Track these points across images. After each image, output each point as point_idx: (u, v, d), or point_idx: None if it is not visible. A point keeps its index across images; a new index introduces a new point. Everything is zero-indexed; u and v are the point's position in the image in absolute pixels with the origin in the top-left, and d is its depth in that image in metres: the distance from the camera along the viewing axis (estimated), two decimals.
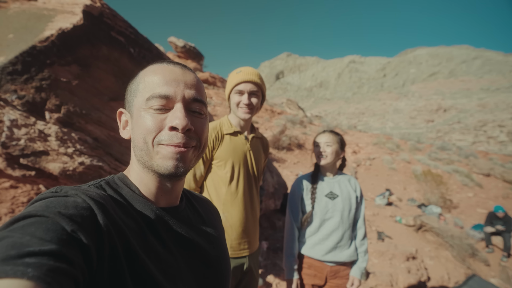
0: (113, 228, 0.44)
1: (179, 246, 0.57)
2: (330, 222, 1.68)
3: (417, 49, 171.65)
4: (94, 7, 2.09)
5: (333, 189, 1.73)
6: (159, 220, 0.55)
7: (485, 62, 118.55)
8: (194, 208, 0.70)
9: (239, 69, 1.41)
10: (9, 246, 0.31)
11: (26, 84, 1.74)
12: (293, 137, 11.55)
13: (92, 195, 0.45)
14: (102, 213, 0.43)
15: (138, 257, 0.46)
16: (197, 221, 0.66)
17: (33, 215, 0.36)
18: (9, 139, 1.76)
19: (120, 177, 0.58)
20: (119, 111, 0.63)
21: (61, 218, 0.37)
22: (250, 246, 1.40)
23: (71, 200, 0.41)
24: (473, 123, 52.73)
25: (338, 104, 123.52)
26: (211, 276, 0.61)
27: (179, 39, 19.14)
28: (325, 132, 1.78)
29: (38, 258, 0.31)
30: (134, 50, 2.25)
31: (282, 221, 4.78)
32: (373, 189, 8.33)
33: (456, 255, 4.48)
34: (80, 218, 0.39)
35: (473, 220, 6.81)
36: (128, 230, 0.47)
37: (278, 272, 3.27)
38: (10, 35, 1.95)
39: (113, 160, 2.12)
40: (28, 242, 0.32)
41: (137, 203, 0.54)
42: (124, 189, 0.55)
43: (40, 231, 0.34)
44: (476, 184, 9.82)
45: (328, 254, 1.66)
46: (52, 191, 0.44)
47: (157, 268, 0.49)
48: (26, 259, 0.30)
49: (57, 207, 0.39)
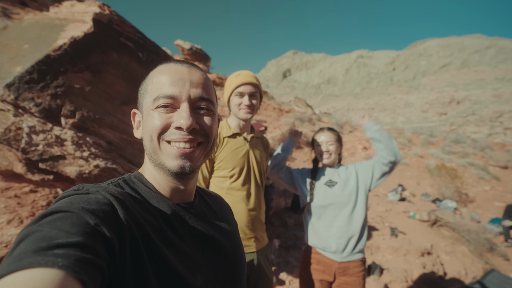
0: (133, 222, 0.46)
1: (195, 240, 0.59)
2: (330, 208, 1.71)
3: (427, 41, 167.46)
4: (103, 14, 2.15)
5: (332, 177, 1.77)
6: (175, 215, 0.57)
7: (499, 51, 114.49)
8: (208, 204, 0.72)
9: (237, 72, 1.48)
10: (40, 239, 0.34)
11: (42, 91, 1.81)
12: (302, 135, 11.49)
13: (112, 192, 0.48)
14: (122, 208, 0.46)
15: (158, 249, 0.48)
16: (211, 216, 0.68)
17: (59, 211, 0.39)
18: (28, 145, 1.84)
19: (136, 176, 0.61)
20: (132, 112, 0.65)
21: (85, 213, 0.40)
22: (258, 242, 1.44)
23: (93, 197, 0.44)
24: (489, 114, 51.04)
25: (347, 100, 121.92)
26: (227, 268, 0.63)
27: (185, 41, 19.32)
28: (324, 130, 1.81)
29: (66, 250, 0.33)
30: (143, 54, 2.31)
31: (293, 219, 4.78)
32: (385, 184, 8.20)
33: (473, 250, 4.37)
34: (102, 213, 0.42)
35: (491, 214, 6.62)
36: (147, 224, 0.50)
37: (291, 270, 3.28)
38: (25, 46, 2.04)
39: (126, 162, 2.19)
40: (56, 235, 0.34)
41: (153, 200, 0.56)
42: (140, 186, 0.58)
43: (67, 225, 0.37)
44: (493, 177, 9.53)
45: (336, 240, 1.65)
46: (75, 189, 0.47)
47: (177, 259, 0.51)
48: (55, 250, 0.32)
49: (81, 203, 0.41)
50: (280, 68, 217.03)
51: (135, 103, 2.18)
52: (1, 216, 2.23)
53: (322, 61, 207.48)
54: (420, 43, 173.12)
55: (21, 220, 2.28)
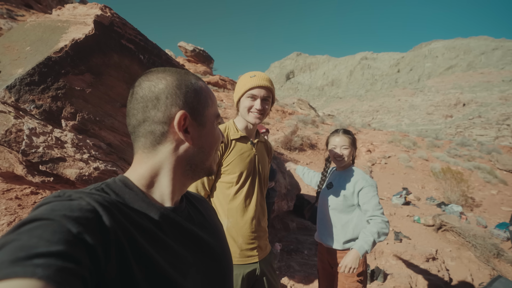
0: (118, 228, 0.45)
1: (184, 242, 0.59)
2: (324, 207, 1.88)
3: (432, 43, 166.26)
4: (104, 17, 2.15)
5: (333, 180, 1.90)
6: (164, 218, 0.56)
7: (506, 53, 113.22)
8: (194, 206, 0.72)
9: (252, 73, 1.39)
10: (18, 248, 0.32)
11: (43, 93, 1.81)
12: (305, 137, 11.44)
13: (96, 198, 0.46)
14: (107, 215, 0.44)
15: (147, 253, 0.47)
16: (198, 218, 0.68)
17: (39, 219, 0.37)
18: (28, 147, 1.84)
19: (121, 179, 0.58)
20: (183, 112, 0.59)
21: (67, 221, 0.38)
22: (260, 251, 1.39)
23: (75, 203, 0.42)
24: (495, 117, 50.39)
25: (351, 102, 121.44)
26: (216, 269, 0.64)
27: (188, 43, 19.44)
28: (339, 133, 1.85)
29: (46, 259, 0.31)
30: (144, 57, 2.31)
31: (295, 222, 4.74)
32: (389, 188, 8.11)
33: (479, 255, 4.28)
34: (85, 220, 0.40)
35: (497, 218, 6.50)
36: (134, 229, 0.48)
37: (293, 274, 3.24)
38: (27, 48, 2.04)
39: (126, 164, 2.17)
40: (35, 244, 0.33)
41: (141, 203, 0.55)
42: (125, 190, 0.56)
43: (47, 233, 0.35)
44: (500, 181, 9.37)
45: (324, 237, 1.86)
46: (55, 195, 0.45)
47: (167, 262, 0.50)
48: (34, 260, 0.31)
49: (62, 210, 0.40)
50: (284, 70, 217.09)
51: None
52: (1, 218, 2.23)
53: (326, 63, 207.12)
54: (425, 44, 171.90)
55: None
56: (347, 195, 1.75)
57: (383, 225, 1.62)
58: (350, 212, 1.77)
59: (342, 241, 1.77)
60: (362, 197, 1.70)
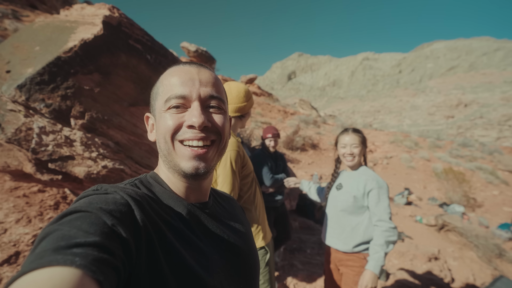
0: (149, 222, 0.47)
1: (211, 239, 0.59)
2: (334, 209, 1.84)
3: (434, 43, 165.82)
4: (112, 17, 2.18)
5: (342, 181, 1.85)
6: (190, 214, 0.58)
7: (508, 54, 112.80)
8: (221, 204, 0.73)
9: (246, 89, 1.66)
10: (59, 238, 0.35)
11: (52, 93, 1.84)
12: (307, 137, 11.45)
13: (129, 192, 0.48)
14: (138, 209, 0.46)
15: (174, 248, 0.49)
16: (225, 216, 0.69)
17: (79, 211, 0.40)
18: (38, 145, 1.87)
19: (152, 176, 0.62)
20: (146, 116, 0.66)
21: (103, 213, 0.40)
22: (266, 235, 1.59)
23: (110, 197, 0.45)
24: (497, 117, 50.23)
25: (352, 103, 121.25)
26: (242, 268, 0.64)
27: (191, 44, 19.46)
28: (349, 131, 1.80)
29: (84, 249, 0.34)
30: (151, 56, 2.33)
31: (298, 221, 4.75)
32: (391, 188, 8.11)
33: (481, 255, 4.28)
34: (119, 213, 0.43)
35: (499, 219, 6.49)
36: (164, 224, 0.51)
37: (296, 273, 3.26)
38: (36, 48, 2.07)
39: (133, 163, 2.20)
40: (75, 234, 0.35)
41: (169, 200, 0.57)
42: (156, 186, 0.59)
43: (85, 224, 0.37)
44: (501, 182, 9.35)
45: (333, 239, 1.82)
46: (94, 189, 0.48)
47: (193, 258, 0.51)
48: (74, 249, 0.33)
49: (99, 203, 0.42)
50: (285, 70, 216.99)
51: (143, 104, 2.20)
52: (9, 215, 2.26)
53: (328, 63, 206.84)
54: (427, 45, 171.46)
55: (29, 220, 2.31)
56: (358, 196, 1.69)
57: (390, 232, 1.58)
58: (361, 214, 1.71)
59: (352, 245, 1.71)
60: (371, 199, 1.66)
